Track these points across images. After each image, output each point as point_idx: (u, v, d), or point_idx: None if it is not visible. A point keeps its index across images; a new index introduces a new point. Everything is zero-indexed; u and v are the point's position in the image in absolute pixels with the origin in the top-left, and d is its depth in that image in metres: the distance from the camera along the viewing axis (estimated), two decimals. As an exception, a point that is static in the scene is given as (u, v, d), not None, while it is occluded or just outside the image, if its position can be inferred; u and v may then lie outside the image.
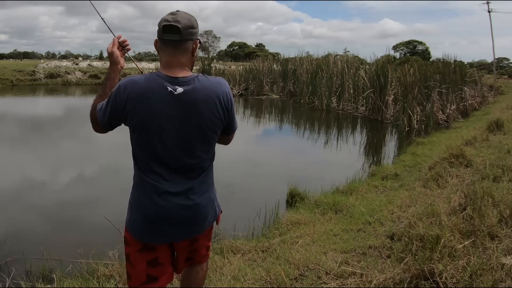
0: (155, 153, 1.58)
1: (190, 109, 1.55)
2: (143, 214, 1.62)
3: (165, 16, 1.58)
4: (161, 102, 1.53)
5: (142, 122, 1.55)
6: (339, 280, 2.66)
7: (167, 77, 1.55)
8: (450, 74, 15.24)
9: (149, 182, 1.59)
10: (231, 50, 77.18)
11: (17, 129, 11.17)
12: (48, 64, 30.12)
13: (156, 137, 1.56)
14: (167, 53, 1.59)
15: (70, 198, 5.56)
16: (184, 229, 1.66)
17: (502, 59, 63.74)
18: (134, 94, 1.53)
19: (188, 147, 1.59)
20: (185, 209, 1.61)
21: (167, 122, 1.54)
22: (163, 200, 1.58)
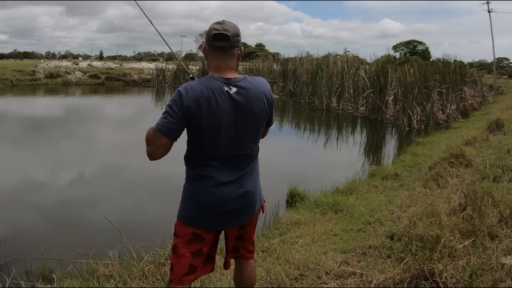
0: (213, 148, 1.74)
1: (243, 106, 1.74)
2: (198, 205, 1.78)
3: (213, 25, 1.76)
4: (220, 101, 1.70)
5: (205, 122, 1.70)
6: (339, 280, 2.66)
7: (221, 79, 1.74)
8: (450, 74, 15.23)
9: (204, 175, 1.77)
10: (231, 50, 77.00)
11: (17, 129, 11.17)
12: (48, 64, 30.11)
13: (216, 133, 1.72)
14: (217, 58, 1.78)
15: (70, 198, 5.56)
16: (236, 216, 1.82)
17: (502, 59, 63.72)
18: (196, 96, 1.68)
19: (241, 139, 1.77)
20: (238, 196, 1.78)
21: (225, 119, 1.71)
22: (217, 190, 1.75)
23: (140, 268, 2.92)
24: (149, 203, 5.47)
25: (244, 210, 1.83)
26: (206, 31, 1.79)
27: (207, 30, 1.83)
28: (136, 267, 2.94)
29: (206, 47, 1.80)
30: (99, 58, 62.84)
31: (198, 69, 27.99)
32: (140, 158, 8.50)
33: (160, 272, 2.90)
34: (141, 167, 7.32)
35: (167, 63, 31.21)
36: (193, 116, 1.69)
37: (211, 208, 1.77)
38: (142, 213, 5.11)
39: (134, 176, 6.80)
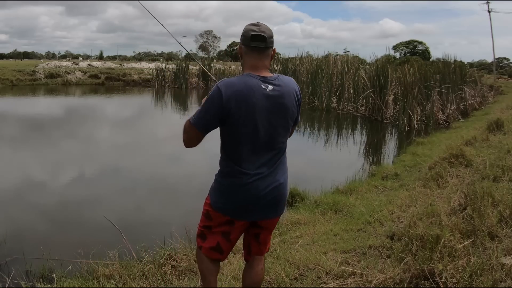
0: (249, 143, 1.83)
1: (278, 102, 1.84)
2: (233, 199, 1.88)
3: (250, 27, 1.86)
4: (258, 97, 1.80)
5: (243, 117, 1.79)
6: (339, 280, 2.66)
7: (259, 77, 1.83)
8: (450, 74, 15.23)
9: (240, 170, 1.84)
10: (231, 50, 77.11)
11: (17, 129, 11.17)
12: (48, 64, 30.10)
13: (254, 128, 1.81)
14: (253, 58, 1.87)
15: (70, 198, 5.56)
16: (268, 208, 1.92)
17: (502, 59, 63.73)
18: (235, 93, 1.77)
19: (275, 134, 1.87)
20: (272, 189, 1.88)
21: (262, 114, 1.81)
22: (253, 184, 1.84)
23: (140, 268, 2.92)
24: (149, 203, 5.47)
25: (277, 202, 1.93)
26: (243, 31, 1.88)
27: (206, 30, 1.86)
28: (136, 267, 2.94)
29: (242, 47, 1.89)
30: (99, 58, 62.84)
31: (198, 69, 28.01)
32: (140, 158, 8.52)
33: (160, 272, 2.90)
34: (141, 167, 7.33)
35: (167, 63, 31.20)
36: (231, 112, 1.78)
37: (247, 202, 1.87)
38: (142, 213, 5.11)
39: (134, 176, 6.80)
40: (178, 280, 2.85)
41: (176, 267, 2.99)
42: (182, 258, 3.06)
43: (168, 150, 9.22)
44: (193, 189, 6.13)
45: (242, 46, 1.89)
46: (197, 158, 8.46)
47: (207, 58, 43.00)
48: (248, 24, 1.89)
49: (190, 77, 26.95)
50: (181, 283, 2.80)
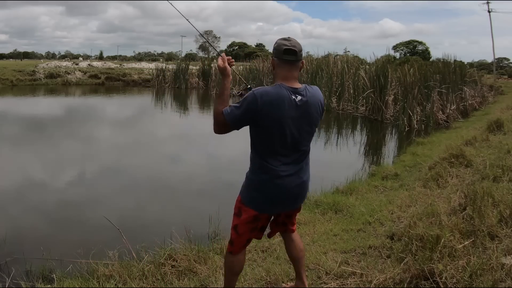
0: (278, 145, 2.07)
1: (305, 111, 2.08)
2: (263, 194, 2.12)
3: (282, 41, 2.11)
4: (288, 106, 2.03)
5: (273, 122, 2.03)
6: (339, 280, 2.66)
7: (290, 88, 2.06)
8: (450, 74, 15.23)
9: (270, 167, 2.08)
10: (231, 50, 77.21)
11: (17, 129, 11.17)
12: (48, 64, 30.09)
13: (281, 132, 2.05)
14: (285, 69, 2.10)
15: (70, 198, 5.56)
16: (293, 201, 2.21)
17: (502, 59, 63.72)
18: (269, 101, 2.01)
19: (301, 138, 2.11)
20: (296, 186, 2.14)
21: (290, 121, 2.05)
22: (281, 181, 2.09)
23: (140, 268, 2.92)
24: (149, 203, 5.47)
25: (300, 197, 2.23)
26: (274, 45, 2.13)
27: (206, 30, 1.91)
28: (136, 267, 2.94)
29: (275, 60, 2.13)
30: (99, 58, 62.85)
31: (198, 69, 28.01)
32: (140, 158, 8.51)
33: (160, 272, 2.90)
34: (141, 167, 7.33)
35: (167, 63, 31.19)
36: (263, 118, 2.02)
37: (275, 197, 2.12)
38: (142, 213, 5.11)
39: (134, 176, 6.80)
40: (178, 280, 2.85)
41: (176, 267, 2.99)
42: (182, 258, 3.06)
43: (168, 150, 9.22)
44: (193, 189, 6.13)
45: (274, 58, 2.13)
46: (197, 158, 8.47)
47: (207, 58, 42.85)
48: (280, 38, 2.14)
49: (190, 77, 26.93)
50: (181, 283, 2.80)
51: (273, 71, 2.16)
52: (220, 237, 3.96)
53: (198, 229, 4.08)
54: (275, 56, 2.12)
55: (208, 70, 26.75)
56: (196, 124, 14.03)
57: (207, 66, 27.45)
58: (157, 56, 76.79)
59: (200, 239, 3.66)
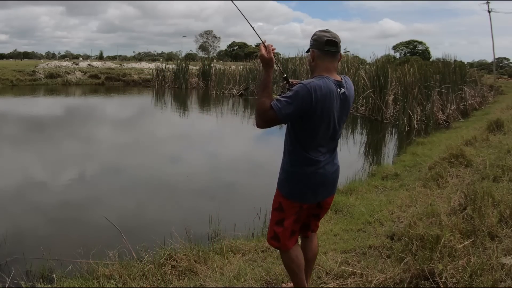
0: (321, 137, 2.12)
1: (345, 103, 2.15)
2: (307, 184, 2.15)
3: (322, 33, 2.11)
4: (335, 99, 2.07)
5: (323, 115, 2.06)
6: (339, 280, 2.66)
7: (335, 81, 2.09)
8: (450, 74, 15.22)
9: (312, 159, 2.12)
10: (231, 50, 77.15)
11: (17, 129, 11.16)
12: (48, 64, 30.08)
13: (327, 124, 2.10)
14: (327, 61, 2.11)
15: (70, 198, 5.56)
16: (332, 187, 2.27)
17: (502, 59, 63.71)
18: (322, 95, 2.02)
19: (338, 127, 2.18)
20: (333, 172, 2.23)
21: (335, 113, 2.10)
22: (322, 170, 2.15)
23: (140, 268, 2.92)
24: (149, 203, 5.47)
25: (336, 182, 2.30)
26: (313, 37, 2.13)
27: (206, 30, 1.88)
28: (136, 267, 2.94)
29: (315, 51, 2.12)
30: (99, 58, 62.84)
31: (198, 69, 28.00)
32: (140, 158, 8.51)
33: (160, 272, 2.90)
34: (141, 167, 7.33)
35: (167, 63, 31.17)
36: (315, 111, 2.03)
37: (317, 186, 2.18)
38: (142, 213, 5.10)
39: (134, 176, 6.80)
40: (178, 280, 2.85)
41: (176, 267, 2.99)
42: (182, 258, 3.06)
43: (168, 150, 9.22)
44: (193, 189, 6.13)
45: (315, 50, 2.12)
46: (197, 158, 8.46)
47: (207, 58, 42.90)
48: (319, 31, 2.14)
49: (190, 77, 26.92)
50: (181, 283, 2.80)
51: (312, 63, 2.16)
52: (220, 237, 3.96)
53: (198, 229, 4.09)
54: (316, 48, 2.11)
55: (208, 70, 26.74)
56: (196, 124, 14.03)
57: (207, 66, 27.45)
58: (157, 56, 76.80)
59: (200, 239, 3.66)
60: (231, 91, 23.49)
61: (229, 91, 23.56)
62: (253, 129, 12.89)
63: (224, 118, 14.98)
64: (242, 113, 16.63)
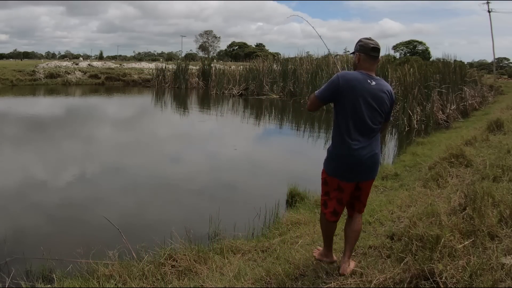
0: (355, 120, 2.54)
1: (377, 94, 2.57)
2: (343, 163, 2.59)
3: (367, 40, 2.62)
4: (364, 87, 2.54)
5: (350, 97, 2.53)
6: (339, 280, 2.66)
7: (367, 75, 2.59)
8: (450, 74, 15.22)
9: (347, 142, 2.55)
10: (231, 50, 77.15)
11: (17, 129, 11.16)
12: (48, 64, 30.07)
13: (359, 108, 2.53)
14: (368, 63, 2.62)
15: (70, 198, 5.56)
16: (368, 171, 2.64)
17: (502, 59, 63.71)
18: (347, 81, 2.54)
19: (372, 117, 2.57)
20: (370, 157, 2.58)
21: (364, 99, 2.53)
22: (357, 152, 2.54)
23: (140, 268, 2.92)
24: (149, 203, 5.47)
25: (374, 168, 2.65)
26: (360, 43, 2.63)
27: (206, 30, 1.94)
28: (136, 267, 2.94)
29: (361, 55, 2.61)
30: (99, 58, 62.83)
31: (198, 69, 28.00)
32: (140, 158, 8.50)
33: (160, 272, 2.90)
34: (141, 167, 7.33)
35: (167, 63, 31.17)
36: (343, 93, 2.53)
37: (352, 166, 2.57)
38: (142, 213, 5.11)
39: (134, 176, 6.80)
40: (178, 280, 2.85)
41: (176, 267, 2.99)
42: (182, 258, 3.06)
43: (168, 150, 9.22)
44: (193, 189, 6.13)
45: (360, 54, 2.62)
46: (197, 158, 8.46)
47: (207, 58, 42.93)
48: (364, 38, 2.65)
49: (190, 77, 26.91)
50: (181, 283, 2.80)
51: (357, 64, 2.63)
52: (220, 237, 3.96)
53: (198, 229, 4.09)
54: (362, 52, 2.61)
55: (208, 70, 26.74)
56: (196, 124, 14.03)
57: (207, 66, 27.44)
58: (157, 56, 76.77)
59: (200, 239, 3.67)
60: (231, 91, 23.48)
61: (229, 91, 23.56)
62: (253, 129, 12.91)
63: (224, 118, 14.98)
64: (242, 113, 16.63)
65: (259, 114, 16.56)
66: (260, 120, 14.75)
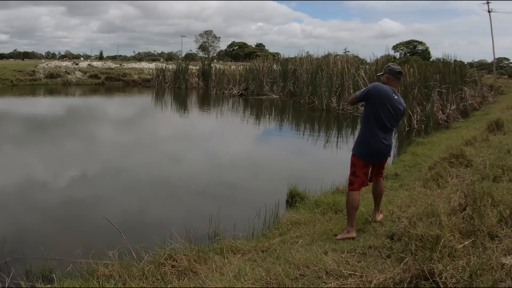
0: (379, 119, 3.63)
1: (396, 105, 3.67)
2: (369, 149, 3.68)
3: (394, 66, 3.79)
4: (389, 97, 3.63)
5: (376, 102, 3.63)
6: (339, 280, 2.65)
7: (393, 90, 3.70)
8: (450, 74, 15.22)
9: (374, 133, 3.65)
10: (231, 50, 77.16)
11: (17, 129, 11.16)
12: (48, 64, 30.07)
13: (380, 111, 3.61)
14: (394, 82, 3.76)
15: (70, 198, 5.56)
16: (383, 155, 3.81)
17: (502, 59, 63.74)
18: (378, 90, 3.65)
19: (390, 120, 3.66)
20: (385, 147, 3.71)
21: (387, 107, 3.62)
22: (378, 142, 3.65)
23: (140, 268, 2.92)
24: (149, 203, 5.47)
25: (386, 153, 3.82)
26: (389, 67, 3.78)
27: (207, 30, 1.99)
28: (136, 267, 2.94)
29: (390, 76, 3.73)
30: (99, 58, 62.83)
31: (198, 69, 28.00)
32: (140, 158, 8.48)
33: (160, 272, 2.90)
34: (141, 167, 7.33)
35: (167, 63, 31.17)
36: (371, 98, 3.66)
37: (374, 152, 3.70)
38: (142, 213, 5.11)
39: (134, 176, 6.80)
40: (178, 280, 2.85)
41: (176, 267, 2.99)
42: (182, 258, 3.06)
43: (168, 150, 9.23)
44: (193, 189, 6.13)
45: (389, 75, 3.73)
46: (197, 158, 8.47)
47: (207, 58, 42.98)
48: (391, 64, 3.87)
49: (190, 77, 26.91)
50: (181, 283, 2.80)
51: (386, 82, 3.71)
52: (220, 237, 3.96)
53: (198, 229, 4.09)
54: (391, 74, 3.73)
55: (208, 70, 26.73)
56: (196, 124, 14.03)
57: (207, 66, 27.44)
58: (157, 56, 76.76)
59: (200, 239, 3.67)
60: (231, 91, 23.48)
61: (229, 91, 23.56)
62: (253, 129, 12.91)
63: (224, 118, 14.99)
64: (242, 113, 16.63)
65: (259, 114, 16.56)
66: (260, 120, 14.74)
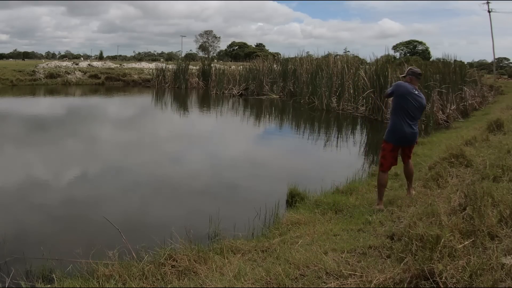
0: (405, 110, 4.41)
1: (417, 99, 4.48)
2: (397, 134, 4.45)
3: (415, 69, 4.68)
4: (410, 93, 4.45)
5: (399, 97, 4.46)
6: (339, 280, 2.65)
7: (414, 87, 4.53)
8: (450, 74, 15.23)
9: (399, 122, 4.42)
10: (231, 50, 77.13)
11: (17, 130, 11.16)
12: (48, 64, 30.06)
13: (404, 104, 4.42)
14: (415, 82, 4.60)
15: (70, 198, 5.56)
16: (410, 141, 4.54)
17: (502, 59, 63.72)
18: (400, 87, 4.52)
19: (415, 111, 4.45)
20: (411, 134, 4.47)
21: (410, 101, 4.42)
22: (406, 128, 4.42)
23: (140, 268, 2.92)
24: (149, 203, 5.47)
25: (412, 140, 4.54)
26: (411, 70, 4.66)
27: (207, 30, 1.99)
28: (136, 267, 2.94)
29: (412, 77, 4.56)
30: (99, 58, 62.81)
31: (198, 69, 28.00)
32: (140, 158, 8.48)
33: (160, 272, 2.90)
34: (141, 167, 7.33)
35: (167, 63, 31.16)
36: (398, 94, 4.46)
37: (402, 137, 4.44)
38: (142, 213, 5.11)
39: (134, 176, 6.80)
40: (178, 280, 2.85)
41: (176, 267, 2.99)
42: (182, 258, 3.06)
43: (168, 150, 9.23)
44: (193, 189, 6.13)
45: (412, 77, 4.55)
46: (197, 158, 8.47)
47: (207, 58, 43.00)
48: (411, 67, 4.76)
49: (190, 77, 26.90)
50: (181, 283, 2.80)
51: (410, 82, 4.51)
52: (220, 237, 3.96)
53: (198, 229, 4.09)
54: (413, 76, 4.55)
55: (208, 70, 26.73)
56: (196, 124, 14.03)
57: (207, 66, 27.44)
58: (157, 56, 76.74)
59: (200, 239, 3.67)
60: (231, 91, 23.48)
61: (229, 91, 23.56)
62: (253, 129, 12.90)
63: (224, 118, 14.99)
64: (242, 113, 16.62)
65: (259, 114, 16.55)
66: (260, 120, 14.74)
